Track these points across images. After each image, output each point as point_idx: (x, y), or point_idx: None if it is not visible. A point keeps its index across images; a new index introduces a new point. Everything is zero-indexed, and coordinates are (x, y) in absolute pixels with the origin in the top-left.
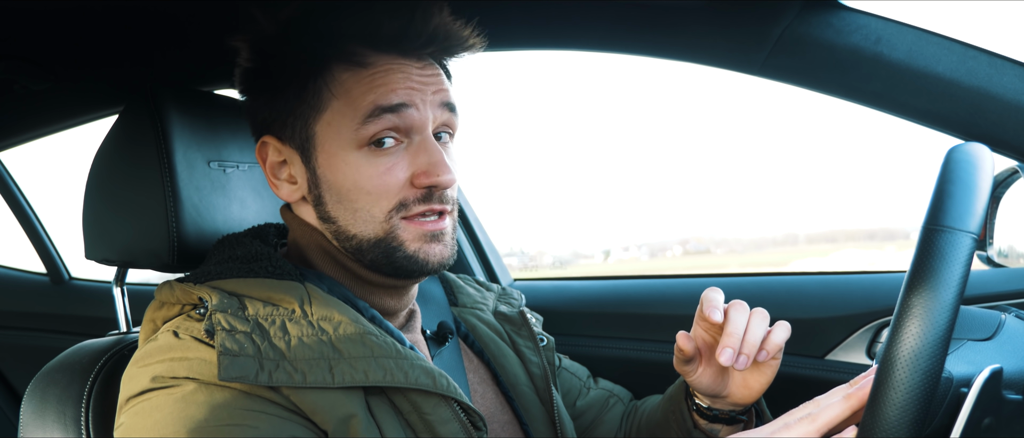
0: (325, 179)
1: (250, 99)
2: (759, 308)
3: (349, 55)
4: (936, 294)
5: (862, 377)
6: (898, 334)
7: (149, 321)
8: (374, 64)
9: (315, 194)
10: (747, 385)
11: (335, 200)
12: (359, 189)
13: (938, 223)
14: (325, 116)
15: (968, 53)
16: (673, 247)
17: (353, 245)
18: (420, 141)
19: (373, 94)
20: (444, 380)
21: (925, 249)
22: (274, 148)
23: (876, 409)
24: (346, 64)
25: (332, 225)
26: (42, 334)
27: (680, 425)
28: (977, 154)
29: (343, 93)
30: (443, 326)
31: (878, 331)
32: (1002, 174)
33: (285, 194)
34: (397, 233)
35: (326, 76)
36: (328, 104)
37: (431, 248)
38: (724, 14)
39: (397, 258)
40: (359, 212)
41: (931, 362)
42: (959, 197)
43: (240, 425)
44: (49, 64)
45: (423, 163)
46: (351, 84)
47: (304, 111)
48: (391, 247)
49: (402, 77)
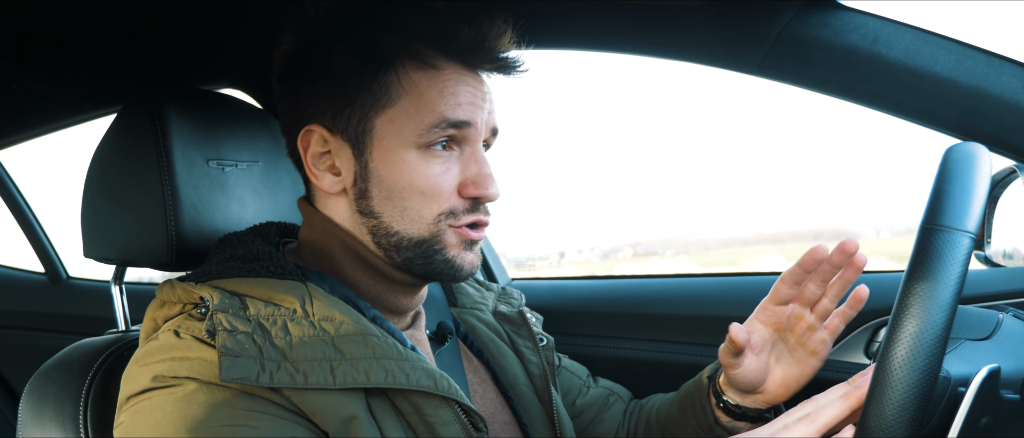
0: (376, 173)
1: (292, 87)
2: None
3: (420, 55)
4: (934, 293)
5: (860, 375)
6: (896, 333)
7: (150, 320)
8: (443, 69)
9: (361, 187)
10: (785, 383)
11: (384, 196)
12: (412, 188)
13: (936, 222)
14: (389, 112)
15: (966, 53)
16: (624, 249)
17: (392, 242)
18: (470, 152)
19: (443, 104)
20: (445, 381)
21: (923, 248)
22: (320, 137)
23: (874, 408)
24: (418, 63)
25: (373, 220)
26: (40, 333)
27: (700, 421)
28: (975, 153)
29: (414, 92)
30: (442, 326)
31: (876, 330)
32: (1000, 174)
33: (326, 185)
34: (443, 237)
35: (399, 71)
36: (397, 100)
37: (466, 256)
38: (722, 13)
39: (437, 261)
40: (408, 211)
41: (929, 361)
42: (957, 196)
43: (241, 425)
44: (47, 63)
45: (474, 173)
46: (424, 86)
47: (365, 102)
48: (433, 249)
49: (470, 92)
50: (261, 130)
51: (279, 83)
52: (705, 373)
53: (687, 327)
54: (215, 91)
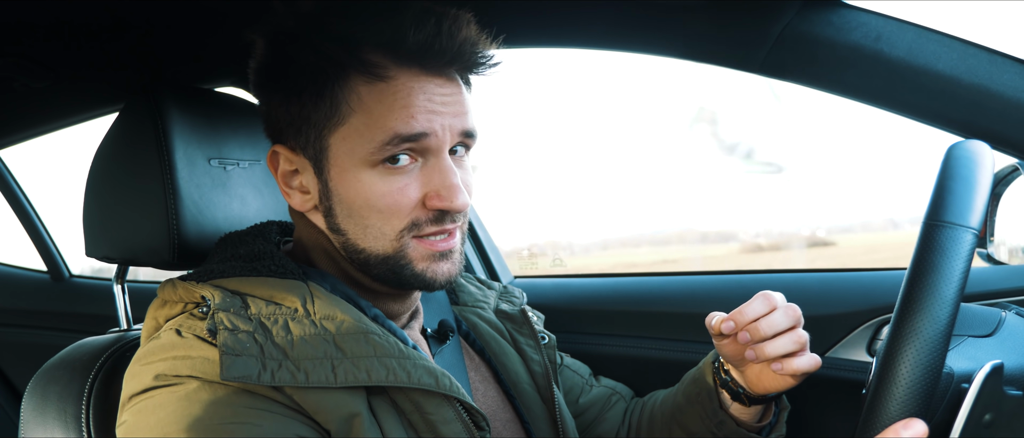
0: (336, 193)
1: (263, 100)
2: (791, 305)
3: (369, 66)
4: (937, 289)
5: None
6: (899, 329)
7: (151, 319)
8: (394, 78)
9: (326, 206)
10: (760, 381)
11: (346, 214)
12: (370, 207)
13: (939, 219)
14: (341, 130)
15: (968, 50)
16: (522, 252)
17: (361, 259)
18: (434, 163)
19: (394, 118)
20: (447, 380)
21: (926, 244)
22: (285, 158)
23: (877, 404)
24: (365, 76)
25: (341, 237)
26: (42, 332)
27: (706, 407)
28: (977, 151)
29: (362, 109)
30: (444, 324)
31: (879, 328)
32: (1002, 171)
33: (297, 204)
34: (407, 252)
35: (344, 86)
36: (347, 118)
37: (439, 266)
38: (724, 12)
39: (405, 275)
40: (370, 229)
41: (932, 357)
42: (960, 193)
43: (243, 423)
44: (49, 62)
45: (437, 185)
46: (370, 100)
47: (319, 120)
48: (399, 265)
49: (423, 99)
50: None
51: (255, 94)
52: (709, 358)
53: (689, 325)
54: (217, 90)
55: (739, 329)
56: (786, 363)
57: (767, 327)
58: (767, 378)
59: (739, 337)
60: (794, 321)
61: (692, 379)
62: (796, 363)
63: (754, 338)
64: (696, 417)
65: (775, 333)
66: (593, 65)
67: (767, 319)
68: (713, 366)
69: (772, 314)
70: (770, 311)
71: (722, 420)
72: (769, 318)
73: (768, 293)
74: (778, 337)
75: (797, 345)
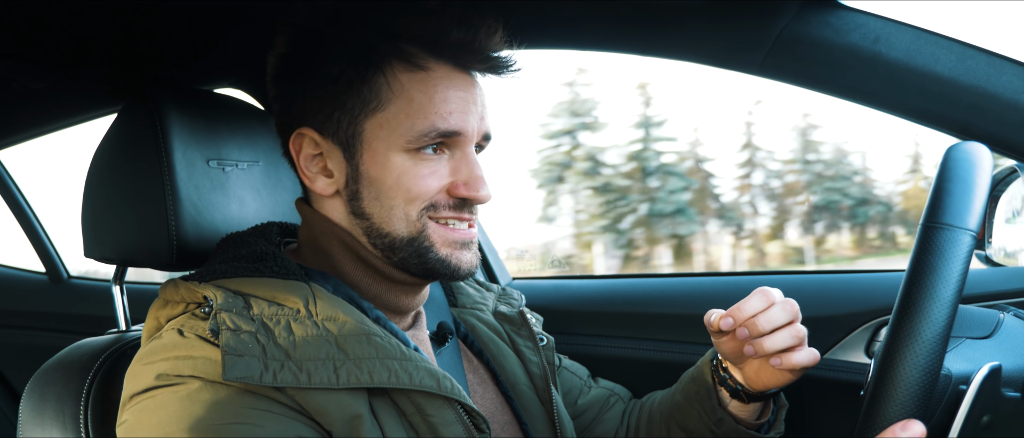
0: (367, 175)
1: (284, 89)
2: (788, 300)
3: (408, 55)
4: (935, 291)
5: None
6: (897, 330)
7: (153, 319)
8: (432, 70)
9: (352, 189)
10: (759, 377)
11: (373, 197)
12: (400, 188)
13: (937, 220)
14: (379, 116)
15: (967, 52)
16: (500, 252)
17: (385, 243)
18: (462, 155)
19: (434, 112)
20: (448, 382)
21: (924, 246)
22: (311, 140)
23: (876, 406)
24: (407, 65)
25: (365, 221)
26: (41, 333)
27: (705, 405)
28: (976, 153)
29: (404, 97)
30: (443, 326)
31: (877, 329)
32: (1001, 173)
33: (320, 188)
34: (428, 233)
35: (387, 74)
36: (386, 104)
37: (462, 255)
38: (723, 13)
39: (430, 260)
40: (395, 210)
41: (930, 359)
42: (958, 195)
43: (244, 424)
44: (48, 63)
45: (464, 175)
46: (412, 88)
47: (355, 105)
48: (423, 247)
49: (460, 96)
50: (261, 130)
51: (273, 85)
52: (707, 357)
53: (687, 326)
54: (216, 91)
55: (738, 325)
56: (785, 358)
57: (765, 322)
58: (765, 374)
59: (738, 333)
60: (792, 316)
61: (690, 378)
62: (795, 357)
63: (752, 333)
64: (695, 415)
65: (773, 328)
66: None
67: (765, 314)
68: (711, 364)
69: (770, 309)
70: (768, 306)
71: (721, 418)
72: (767, 313)
73: (765, 289)
74: (776, 332)
75: (795, 340)
